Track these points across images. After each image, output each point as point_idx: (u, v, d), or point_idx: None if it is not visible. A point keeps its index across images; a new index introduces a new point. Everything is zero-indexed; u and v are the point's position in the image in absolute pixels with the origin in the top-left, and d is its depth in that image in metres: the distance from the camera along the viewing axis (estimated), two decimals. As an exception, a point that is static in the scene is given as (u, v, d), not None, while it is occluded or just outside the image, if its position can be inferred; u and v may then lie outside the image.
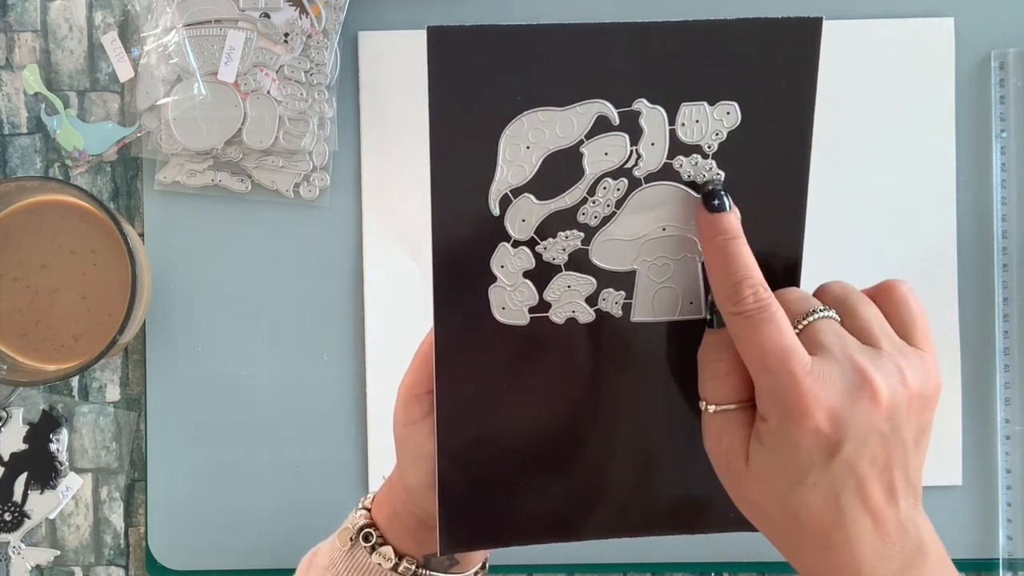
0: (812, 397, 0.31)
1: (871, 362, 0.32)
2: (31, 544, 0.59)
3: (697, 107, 0.34)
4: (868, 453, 0.31)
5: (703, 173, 0.34)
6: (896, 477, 0.32)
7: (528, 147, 0.33)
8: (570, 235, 0.35)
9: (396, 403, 0.40)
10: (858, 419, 0.31)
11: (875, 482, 0.32)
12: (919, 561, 0.32)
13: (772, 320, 0.32)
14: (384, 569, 0.41)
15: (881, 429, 0.31)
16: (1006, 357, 0.58)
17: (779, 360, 0.32)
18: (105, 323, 0.54)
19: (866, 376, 0.31)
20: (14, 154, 0.59)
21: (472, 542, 0.39)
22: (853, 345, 0.32)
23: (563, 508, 0.39)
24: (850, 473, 0.31)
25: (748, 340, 0.33)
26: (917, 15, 0.58)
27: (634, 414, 0.37)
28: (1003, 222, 0.58)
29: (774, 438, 0.32)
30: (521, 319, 0.36)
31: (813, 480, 0.32)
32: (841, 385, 0.31)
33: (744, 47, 0.33)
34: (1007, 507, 0.58)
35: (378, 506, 0.42)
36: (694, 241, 0.35)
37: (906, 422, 0.32)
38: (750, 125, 0.34)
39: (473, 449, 0.37)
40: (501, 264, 0.35)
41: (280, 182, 0.58)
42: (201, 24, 0.57)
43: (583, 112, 0.33)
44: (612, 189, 0.34)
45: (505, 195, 0.34)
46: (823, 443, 0.31)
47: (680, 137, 0.34)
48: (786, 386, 0.31)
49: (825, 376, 0.31)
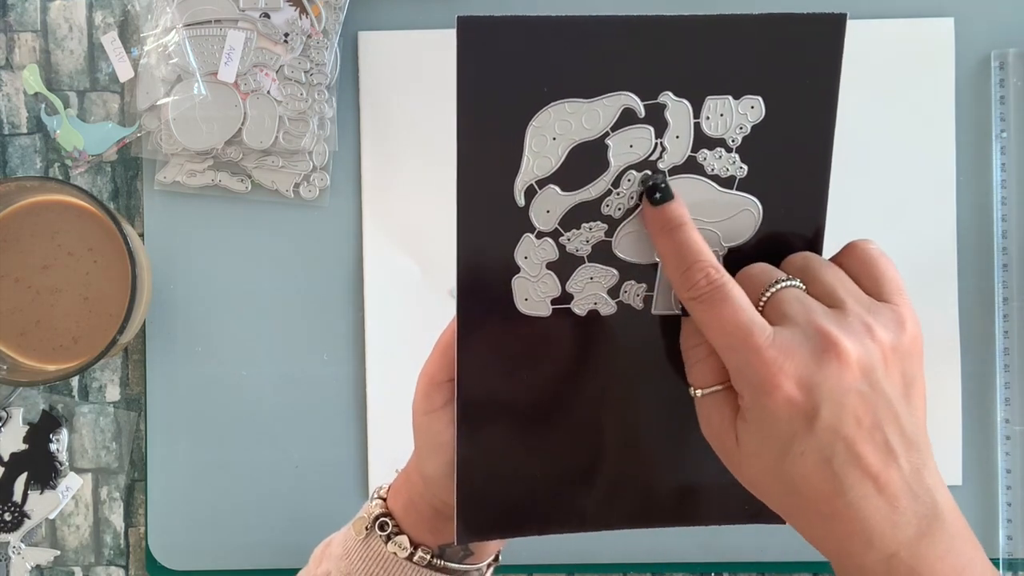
0: (776, 367, 0.31)
1: (835, 323, 0.32)
2: (31, 544, 0.59)
3: (722, 101, 0.34)
4: (850, 414, 0.31)
5: (727, 167, 0.35)
6: (890, 434, 0.31)
7: (554, 138, 0.34)
8: (594, 227, 0.35)
9: (416, 391, 0.40)
10: (829, 381, 0.31)
11: (866, 442, 0.31)
12: (936, 527, 0.31)
13: (728, 299, 0.32)
14: (399, 558, 0.41)
15: (858, 388, 0.31)
16: (1006, 357, 0.58)
17: (740, 337, 0.32)
18: (105, 323, 0.54)
19: (830, 338, 0.31)
20: (14, 154, 0.59)
21: (489, 532, 0.39)
22: (817, 310, 0.32)
23: (581, 499, 0.39)
24: (836, 436, 0.31)
25: (708, 322, 0.33)
26: (917, 15, 0.58)
27: (654, 407, 0.38)
28: (1003, 222, 0.58)
29: (753, 413, 0.32)
30: (543, 310, 0.36)
31: (800, 449, 0.31)
32: (806, 351, 0.31)
33: (769, 42, 0.33)
34: (1007, 507, 0.58)
35: (394, 495, 0.42)
36: (717, 234, 0.36)
37: (885, 377, 0.31)
38: (774, 119, 0.34)
39: (492, 439, 0.38)
40: (525, 255, 0.35)
41: (280, 182, 0.58)
42: (201, 24, 0.57)
43: (609, 104, 0.33)
44: (636, 181, 0.35)
45: (530, 186, 0.34)
46: (799, 411, 0.31)
47: (704, 131, 0.34)
48: (751, 361, 0.31)
49: (788, 345, 0.31)
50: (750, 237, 0.36)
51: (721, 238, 0.36)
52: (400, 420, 0.45)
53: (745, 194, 0.35)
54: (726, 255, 0.36)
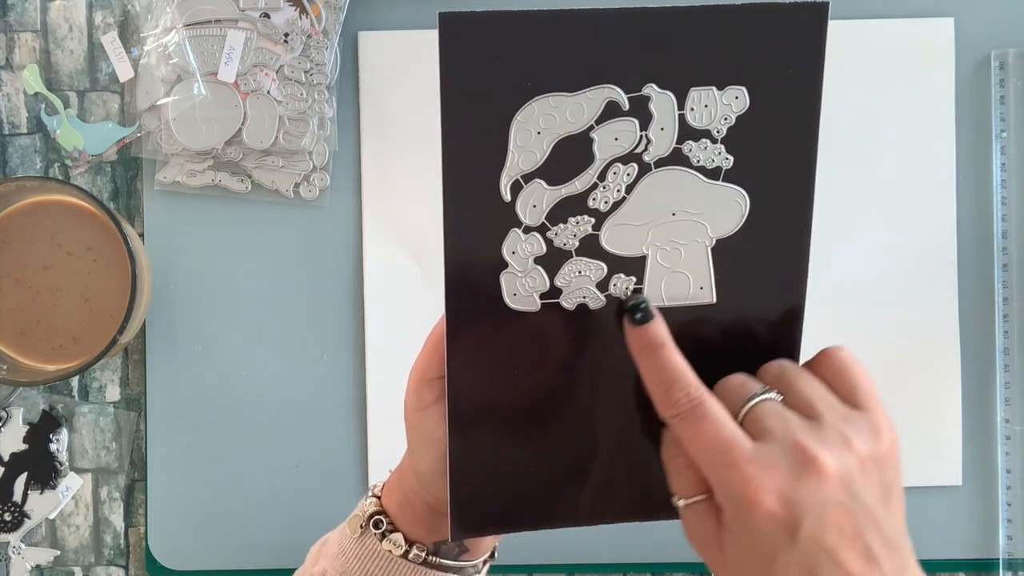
0: (757, 484, 0.32)
1: (813, 437, 0.32)
2: (31, 544, 0.59)
3: (706, 92, 0.34)
4: (832, 525, 0.31)
5: (712, 158, 0.35)
6: (871, 541, 0.32)
7: (539, 132, 0.34)
8: (581, 220, 0.35)
9: (407, 389, 0.40)
10: (809, 495, 0.31)
11: (848, 551, 0.31)
12: None
13: (707, 416, 0.33)
14: (394, 556, 0.41)
15: (838, 499, 0.32)
16: (1006, 357, 0.58)
17: (720, 454, 0.32)
18: (105, 323, 0.54)
19: (808, 452, 0.32)
20: (14, 154, 0.59)
21: (484, 527, 0.39)
22: (795, 423, 0.33)
23: (575, 493, 0.39)
24: (819, 548, 0.31)
25: (689, 440, 0.33)
26: (917, 15, 0.58)
27: (645, 399, 0.38)
28: (1003, 222, 0.58)
29: (736, 526, 0.33)
30: (532, 305, 0.36)
31: (784, 560, 0.32)
32: (785, 466, 0.32)
33: (751, 32, 0.33)
34: (1007, 507, 0.58)
35: (388, 493, 0.43)
36: (704, 226, 0.36)
37: (864, 487, 0.32)
38: (758, 110, 0.34)
39: (484, 434, 0.38)
40: (512, 250, 0.35)
41: (280, 182, 0.58)
42: (201, 24, 0.57)
43: (593, 97, 0.33)
44: (622, 174, 0.35)
45: (516, 181, 0.34)
46: (781, 525, 0.32)
47: (689, 122, 0.34)
48: (731, 478, 0.32)
49: (768, 460, 0.32)
50: (738, 228, 0.36)
51: (709, 229, 0.36)
52: (400, 420, 0.45)
53: (732, 185, 0.35)
54: (714, 247, 0.36)
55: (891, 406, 0.60)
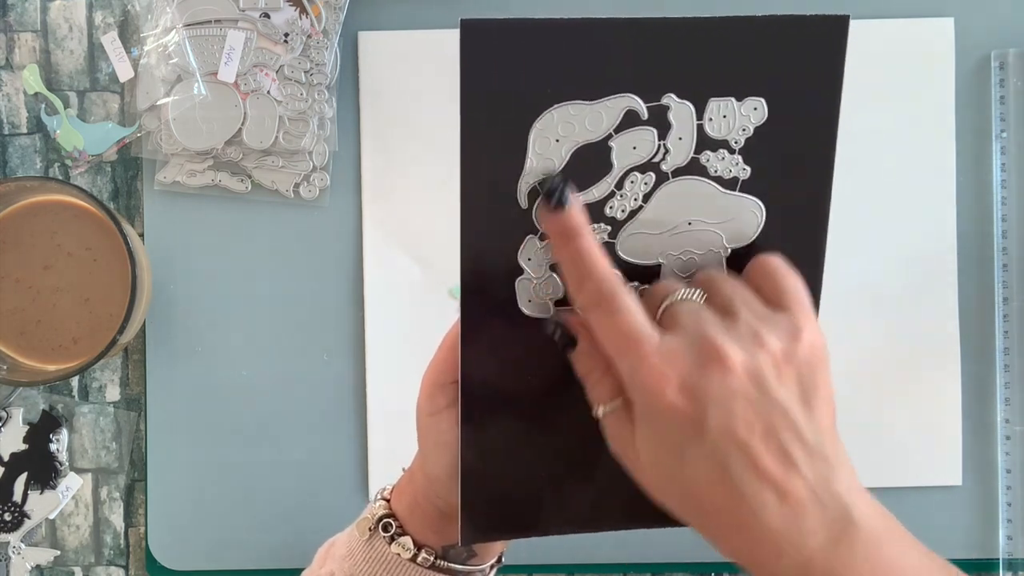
0: (659, 373, 0.31)
1: (722, 331, 0.32)
2: (31, 544, 0.59)
3: (725, 103, 0.34)
4: (740, 419, 0.31)
5: (730, 168, 0.35)
6: (787, 441, 0.31)
7: (557, 140, 0.34)
8: (597, 228, 0.35)
9: (420, 392, 0.40)
10: (713, 387, 0.31)
11: (760, 448, 0.31)
12: (852, 533, 0.30)
13: (620, 308, 0.33)
14: (403, 559, 0.41)
15: (746, 392, 0.31)
16: (1006, 357, 0.58)
17: (629, 343, 0.32)
18: (105, 323, 0.54)
19: (714, 343, 0.31)
20: (14, 154, 0.59)
21: (493, 532, 0.39)
22: (707, 319, 0.32)
23: (586, 500, 0.39)
24: (728, 441, 0.31)
25: (601, 330, 0.33)
26: (917, 15, 0.58)
27: None
28: (1003, 222, 0.58)
29: (645, 420, 0.32)
30: (547, 312, 0.36)
31: (692, 454, 0.31)
32: (690, 357, 0.31)
33: (771, 44, 0.33)
34: (1007, 507, 0.58)
35: (398, 496, 0.42)
36: (719, 236, 0.36)
37: (779, 384, 0.31)
38: (776, 121, 0.34)
39: (496, 440, 0.38)
40: (528, 257, 0.35)
41: (280, 182, 0.58)
42: (201, 24, 0.57)
43: (612, 106, 0.33)
44: (640, 183, 0.35)
45: (534, 188, 0.34)
46: (686, 417, 0.31)
47: (708, 132, 0.34)
48: (637, 367, 0.32)
49: (673, 351, 0.32)
50: (753, 239, 0.36)
51: (724, 239, 0.36)
52: (400, 420, 0.45)
53: (748, 196, 0.35)
54: (729, 256, 0.36)
55: (891, 406, 0.60)
